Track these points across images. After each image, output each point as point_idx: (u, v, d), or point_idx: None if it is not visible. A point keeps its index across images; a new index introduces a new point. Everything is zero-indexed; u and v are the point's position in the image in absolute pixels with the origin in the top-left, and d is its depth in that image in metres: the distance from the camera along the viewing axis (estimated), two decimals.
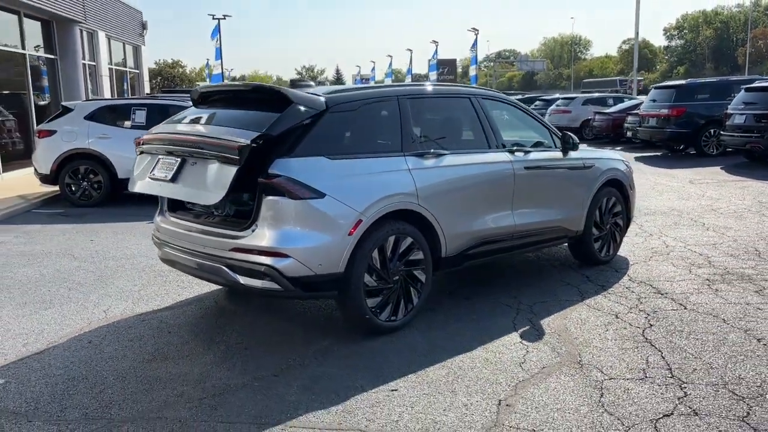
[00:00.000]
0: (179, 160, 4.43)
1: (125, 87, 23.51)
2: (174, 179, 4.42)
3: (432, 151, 4.83)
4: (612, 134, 21.28)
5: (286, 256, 4.02)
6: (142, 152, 4.85)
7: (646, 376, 3.79)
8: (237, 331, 4.65)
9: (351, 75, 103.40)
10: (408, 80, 65.73)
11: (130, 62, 24.63)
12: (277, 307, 5.17)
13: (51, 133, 10.30)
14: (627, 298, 5.27)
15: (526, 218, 5.47)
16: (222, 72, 39.11)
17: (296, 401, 3.53)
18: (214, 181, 4.11)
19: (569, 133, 5.94)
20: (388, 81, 73.03)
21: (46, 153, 10.28)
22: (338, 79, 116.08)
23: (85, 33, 19.25)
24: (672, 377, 3.77)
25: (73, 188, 10.35)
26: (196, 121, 4.73)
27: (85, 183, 10.28)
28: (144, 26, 25.79)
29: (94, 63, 19.91)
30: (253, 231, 4.11)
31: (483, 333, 4.54)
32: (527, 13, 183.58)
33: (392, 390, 3.67)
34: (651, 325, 4.63)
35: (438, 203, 4.71)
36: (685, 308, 4.99)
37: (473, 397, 3.56)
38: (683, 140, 16.64)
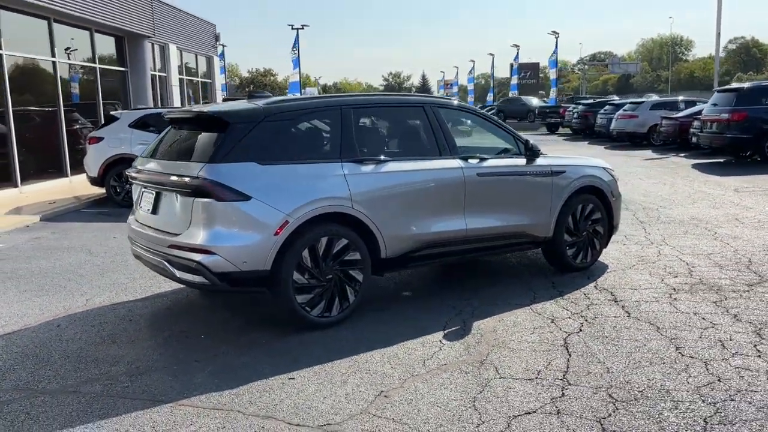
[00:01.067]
0: (155, 193, 4.91)
1: (190, 95, 24.82)
2: (154, 211, 4.91)
3: (373, 158, 5.08)
4: (678, 140, 20.44)
5: (212, 253, 4.41)
6: (132, 183, 5.39)
7: (537, 377, 3.89)
8: (189, 322, 5.08)
9: (436, 81, 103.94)
10: (490, 85, 65.58)
11: (202, 72, 26.06)
12: (240, 302, 5.56)
13: (99, 139, 11.28)
14: (577, 305, 5.29)
15: (480, 223, 5.60)
16: (300, 80, 40.41)
17: (199, 384, 3.89)
18: (180, 210, 4.60)
19: (531, 141, 6.01)
20: (470, 86, 72.89)
21: (94, 158, 11.27)
22: (423, 85, 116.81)
23: (156, 46, 20.66)
24: (562, 379, 3.85)
25: (118, 190, 11.27)
26: (164, 151, 5.13)
27: (128, 186, 11.16)
28: (217, 38, 27.24)
29: (164, 74, 21.30)
30: (187, 230, 4.53)
31: (412, 331, 4.73)
32: (624, 13, 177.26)
33: (290, 378, 3.96)
34: (580, 331, 4.67)
35: (375, 207, 4.96)
36: (629, 316, 4.97)
37: (359, 388, 3.79)
38: (744, 146, 15.85)
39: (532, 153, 5.93)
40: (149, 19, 18.49)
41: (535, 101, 43.01)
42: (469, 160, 5.58)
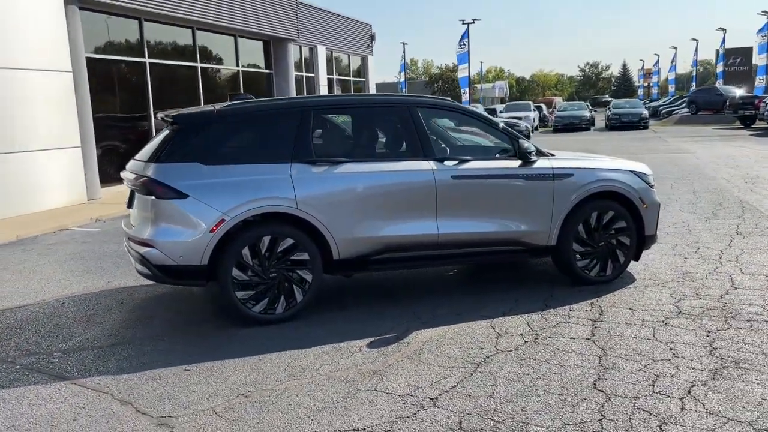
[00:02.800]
0: (131, 190, 5.33)
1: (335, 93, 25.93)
2: (130, 206, 5.37)
3: (327, 159, 5.07)
4: None
5: (152, 246, 4.75)
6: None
7: (409, 393, 3.67)
8: (166, 307, 5.49)
9: (636, 69, 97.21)
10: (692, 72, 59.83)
11: (354, 71, 27.16)
12: None
13: None
14: (546, 321, 4.84)
15: (457, 228, 5.33)
16: (468, 75, 40.35)
17: (106, 366, 4.24)
18: (140, 206, 5.01)
19: (527, 143, 5.54)
20: (671, 74, 67.17)
21: None
22: (624, 75, 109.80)
23: (305, 48, 22.00)
24: (432, 399, 3.60)
25: None
26: (144, 151, 5.39)
27: None
28: (372, 38, 28.21)
29: (312, 74, 22.60)
30: (140, 224, 4.93)
31: (346, 335, 4.67)
32: None
33: (185, 369, 4.16)
34: (513, 350, 4.28)
35: (324, 208, 4.96)
36: (588, 339, 4.45)
37: (227, 386, 3.87)
38: None
39: (521, 155, 5.48)
40: (293, 23, 19.74)
41: (738, 91, 37.90)
42: (446, 162, 5.33)
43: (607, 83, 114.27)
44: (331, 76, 24.34)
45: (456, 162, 5.38)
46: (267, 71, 19.63)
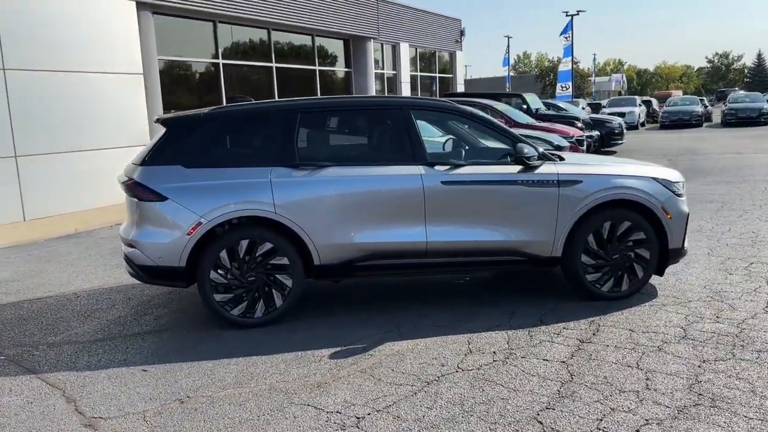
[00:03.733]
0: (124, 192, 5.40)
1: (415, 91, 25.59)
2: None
3: (310, 163, 4.99)
4: None
5: (134, 247, 4.88)
6: None
7: (333, 411, 3.53)
8: (168, 305, 5.64)
9: None
10: None
11: (440, 68, 26.82)
12: None
13: None
14: (530, 338, 4.52)
15: (447, 236, 5.09)
16: (571, 69, 38.84)
17: (77, 362, 4.40)
18: (129, 207, 5.14)
19: (525, 147, 5.17)
20: None
21: None
22: (759, 66, 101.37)
23: (388, 46, 21.99)
24: (349, 413, 3.44)
25: None
26: (138, 154, 5.51)
27: None
28: (462, 33, 27.75)
29: (394, 72, 22.57)
30: (127, 225, 5.08)
31: (314, 344, 4.58)
32: None
33: (143, 370, 4.24)
34: (474, 370, 4.02)
35: (303, 213, 4.89)
36: (564, 362, 4.10)
37: (169, 389, 3.90)
38: None
39: (518, 160, 5.13)
40: (374, 21, 19.78)
41: None
42: (437, 167, 5.10)
43: (739, 75, 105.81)
44: (414, 73, 24.19)
45: (448, 167, 5.13)
46: (346, 70, 19.81)
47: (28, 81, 9.83)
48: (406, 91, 23.02)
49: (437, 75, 26.48)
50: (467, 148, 5.63)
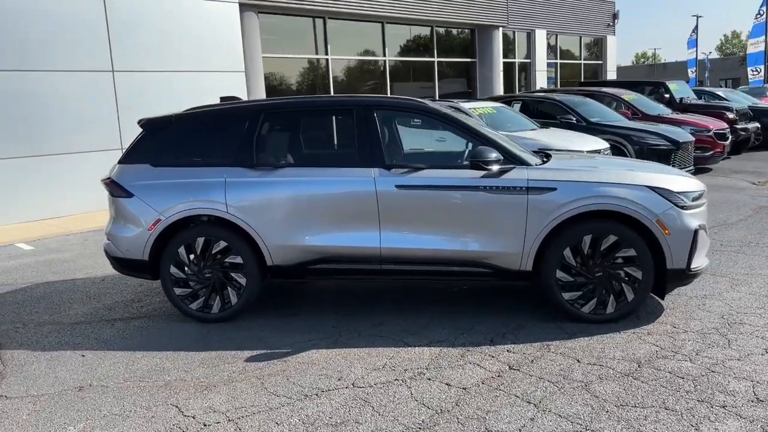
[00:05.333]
0: None
1: (552, 80, 24.16)
2: None
3: (265, 165, 5.01)
4: None
5: (109, 239, 5.26)
6: None
7: (171, 416, 3.55)
8: (157, 295, 6.01)
9: None
10: None
11: (585, 54, 25.13)
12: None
13: None
14: (461, 359, 4.19)
15: (402, 243, 4.85)
16: (765, 50, 34.67)
17: (39, 342, 4.84)
18: (108, 203, 5.47)
19: (485, 149, 4.72)
20: None
21: None
22: None
23: (521, 33, 21.11)
24: (183, 422, 3.43)
25: None
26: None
27: None
28: (615, 16, 25.78)
29: (528, 60, 21.60)
30: (108, 220, 5.48)
31: (255, 345, 4.60)
32: None
33: (81, 355, 4.57)
34: (350, 388, 3.82)
35: (255, 214, 4.93)
36: (466, 389, 3.75)
37: (80, 377, 4.16)
38: None
39: (473, 164, 4.71)
40: (503, 9, 19.09)
41: None
42: (393, 170, 4.86)
43: None
44: (552, 61, 22.96)
45: (406, 170, 4.87)
46: (469, 60, 19.38)
47: (135, 80, 10.93)
48: (541, 80, 21.97)
49: (582, 62, 24.90)
50: (433, 150, 5.29)
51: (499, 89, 19.41)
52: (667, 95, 16.73)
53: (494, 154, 4.70)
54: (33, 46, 9.82)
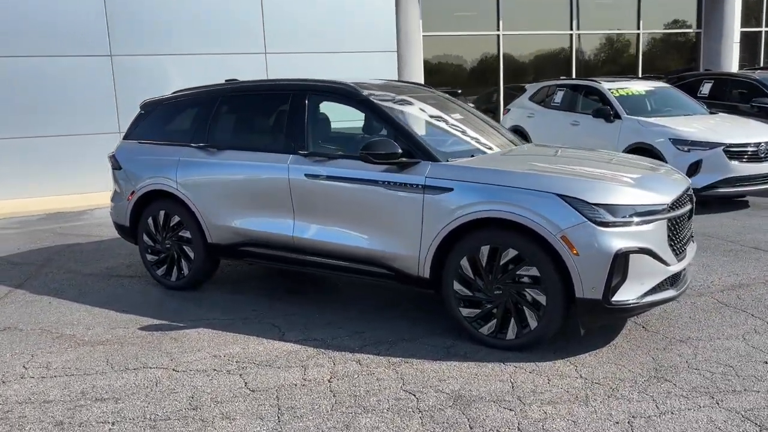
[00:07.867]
0: None
1: None
2: None
3: (210, 146, 5.26)
4: None
5: (110, 206, 6.05)
6: None
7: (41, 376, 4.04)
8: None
9: None
10: None
11: None
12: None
13: (508, 111, 12.06)
14: (352, 370, 4.00)
15: (312, 234, 4.75)
16: None
17: (53, 285, 5.78)
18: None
19: (379, 140, 4.29)
20: None
21: None
22: None
23: None
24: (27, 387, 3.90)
25: None
26: None
27: None
28: None
29: (759, 29, 17.78)
30: None
31: (174, 317, 4.93)
32: None
33: (50, 303, 5.38)
34: (181, 372, 3.93)
35: (196, 192, 5.25)
36: (330, 411, 3.65)
37: (38, 320, 4.93)
38: None
39: (362, 155, 4.31)
40: None
41: None
42: (308, 158, 4.73)
43: None
44: None
45: (320, 159, 4.70)
46: (691, 31, 16.69)
47: (290, 62, 11.83)
48: None
49: None
50: (353, 138, 4.95)
51: (730, 65, 16.43)
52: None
53: (389, 148, 4.27)
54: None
